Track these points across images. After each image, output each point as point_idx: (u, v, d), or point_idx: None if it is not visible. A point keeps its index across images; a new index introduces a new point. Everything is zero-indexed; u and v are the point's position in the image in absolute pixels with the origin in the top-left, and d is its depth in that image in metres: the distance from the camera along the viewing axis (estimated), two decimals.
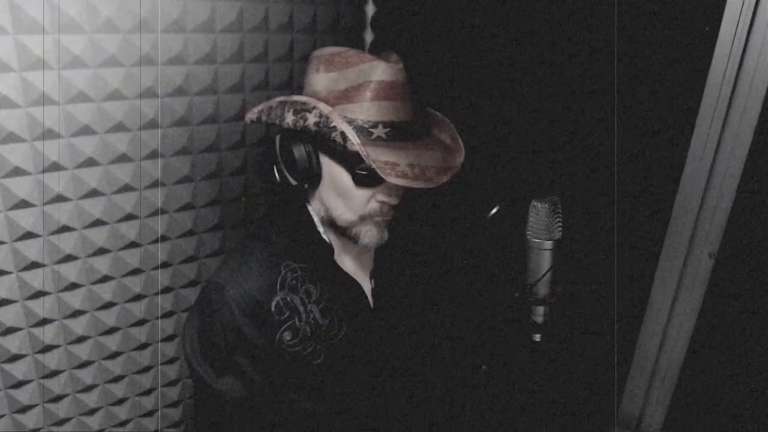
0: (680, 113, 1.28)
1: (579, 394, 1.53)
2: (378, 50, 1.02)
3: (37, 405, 1.35)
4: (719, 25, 1.17)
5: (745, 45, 1.16)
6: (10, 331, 1.26)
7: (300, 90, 1.03)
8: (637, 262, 1.43)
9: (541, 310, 1.18)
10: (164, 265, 1.45)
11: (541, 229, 1.12)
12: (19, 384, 1.31)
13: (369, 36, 1.67)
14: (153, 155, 1.34)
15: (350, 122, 0.92)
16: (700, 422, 1.43)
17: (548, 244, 1.13)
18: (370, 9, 1.63)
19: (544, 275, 1.14)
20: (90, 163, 1.26)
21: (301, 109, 0.94)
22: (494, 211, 1.22)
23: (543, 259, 1.14)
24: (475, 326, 1.38)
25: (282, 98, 0.99)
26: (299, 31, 1.48)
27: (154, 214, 1.39)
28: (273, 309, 1.02)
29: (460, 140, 1.06)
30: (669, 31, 1.25)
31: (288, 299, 1.04)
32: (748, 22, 1.14)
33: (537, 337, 1.20)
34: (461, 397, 1.38)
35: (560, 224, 1.13)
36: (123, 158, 1.30)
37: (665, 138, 1.32)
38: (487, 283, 1.41)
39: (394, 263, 1.18)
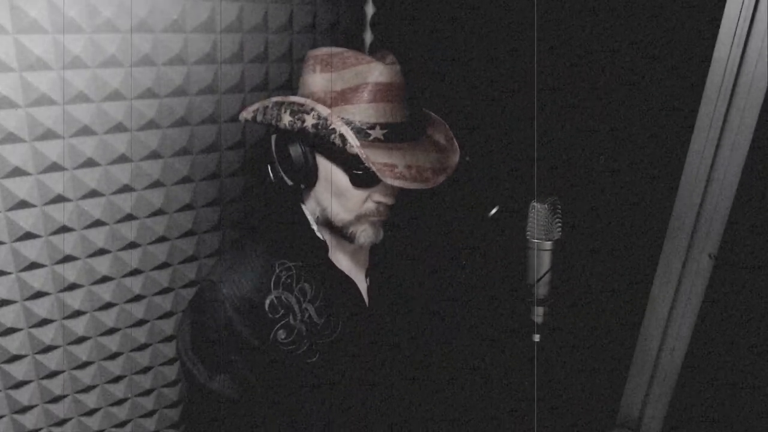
0: (680, 113, 1.28)
1: (579, 395, 1.53)
2: (377, 50, 1.02)
3: (37, 405, 1.35)
4: (719, 25, 1.17)
5: (745, 45, 1.16)
6: (10, 331, 1.26)
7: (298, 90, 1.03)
8: (637, 262, 1.43)
9: (541, 310, 1.18)
10: (164, 265, 1.45)
11: (541, 230, 1.12)
12: (19, 384, 1.31)
13: (368, 36, 1.67)
14: (152, 156, 1.34)
15: (348, 124, 0.92)
16: (700, 422, 1.43)
17: (548, 245, 1.13)
18: (370, 9, 1.63)
19: (543, 275, 1.14)
20: (90, 163, 1.26)
21: (299, 111, 0.94)
22: (494, 211, 1.22)
23: (543, 260, 1.14)
24: (472, 325, 1.38)
25: (278, 99, 0.99)
26: (299, 31, 1.48)
27: (154, 214, 1.39)
28: (267, 308, 1.02)
29: (454, 140, 1.06)
30: (669, 31, 1.25)
31: (282, 298, 1.04)
32: (748, 22, 1.14)
33: (537, 337, 1.20)
34: (458, 396, 1.38)
35: (560, 225, 1.13)
36: (122, 159, 1.30)
37: (665, 138, 1.32)
38: (486, 283, 1.41)
39: (389, 261, 1.18)
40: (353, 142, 0.89)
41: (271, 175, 1.04)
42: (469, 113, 1.57)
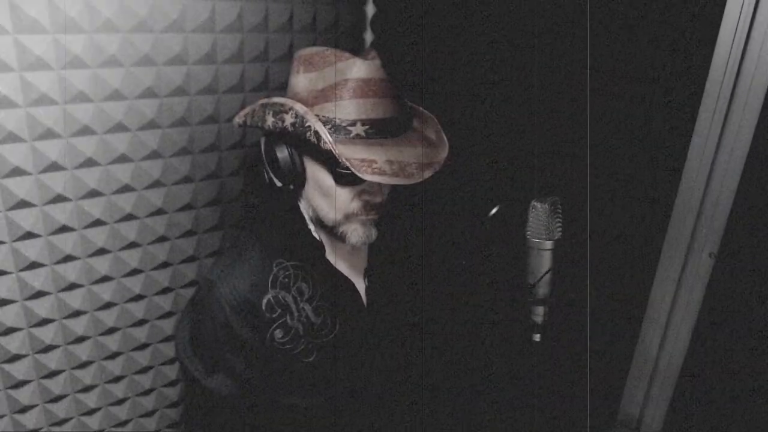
0: (680, 113, 1.27)
1: (579, 395, 1.53)
2: (378, 50, 1.02)
3: (37, 405, 1.35)
4: (719, 25, 1.17)
5: (745, 45, 1.16)
6: (10, 331, 1.26)
7: None
8: (637, 262, 1.43)
9: (541, 310, 1.18)
10: (164, 265, 1.45)
11: (541, 230, 1.12)
12: (19, 384, 1.31)
13: (369, 36, 1.67)
14: (152, 156, 1.34)
15: (328, 121, 0.92)
16: (700, 422, 1.43)
17: (548, 245, 1.13)
18: (370, 9, 1.63)
19: (544, 275, 1.14)
20: (90, 163, 1.26)
21: (280, 111, 0.95)
22: (494, 211, 1.22)
23: (543, 259, 1.14)
24: (472, 325, 1.38)
25: (264, 100, 1.00)
26: (299, 31, 1.48)
27: (154, 214, 1.39)
28: (264, 307, 1.02)
29: (444, 135, 1.06)
30: (669, 31, 1.25)
31: (279, 297, 1.04)
32: (748, 22, 1.14)
33: (537, 337, 1.20)
34: (457, 396, 1.38)
35: (560, 224, 1.13)
36: (123, 158, 1.30)
37: (665, 138, 1.32)
38: (486, 283, 1.41)
39: (387, 262, 1.18)
40: (326, 138, 0.89)
41: (265, 176, 1.04)
42: (469, 113, 1.57)
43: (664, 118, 1.31)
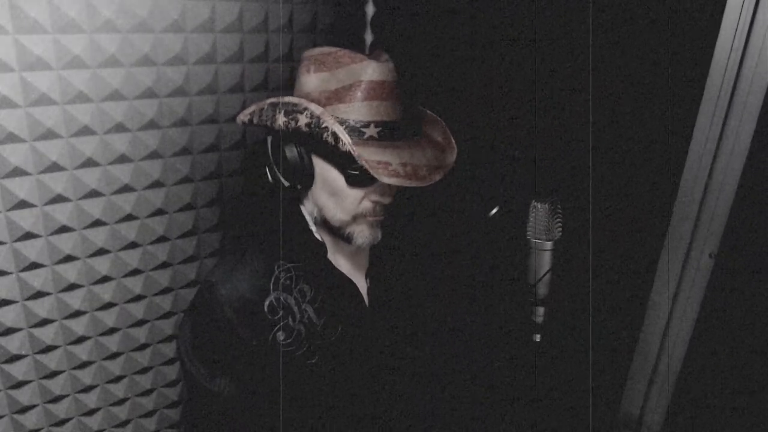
0: (680, 113, 1.27)
1: (579, 395, 1.53)
2: (374, 50, 1.02)
3: (37, 405, 1.35)
4: (719, 25, 1.17)
5: (745, 45, 1.16)
6: (10, 331, 1.26)
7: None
8: (638, 262, 1.43)
9: (541, 310, 1.18)
10: (164, 265, 1.45)
11: (541, 230, 1.12)
12: (19, 384, 1.31)
13: (369, 36, 1.67)
14: (153, 155, 1.34)
15: (342, 123, 0.92)
16: (700, 422, 1.43)
17: (548, 245, 1.13)
18: (370, 9, 1.63)
19: (544, 275, 1.14)
20: (90, 163, 1.26)
21: (293, 111, 0.94)
22: (494, 211, 1.22)
23: (543, 260, 1.14)
24: (473, 326, 1.38)
25: (273, 99, 0.99)
26: (299, 31, 1.48)
27: (154, 214, 1.39)
28: (266, 309, 1.02)
29: (452, 138, 1.06)
30: (669, 30, 1.25)
31: (281, 299, 1.04)
32: (748, 22, 1.14)
33: (537, 338, 1.20)
34: (459, 397, 1.38)
35: (560, 225, 1.13)
36: (123, 158, 1.30)
37: (665, 138, 1.32)
38: (486, 283, 1.41)
39: (389, 262, 1.18)
40: (345, 140, 0.89)
41: (269, 176, 1.04)
42: (469, 113, 1.57)
43: (664, 118, 1.31)
